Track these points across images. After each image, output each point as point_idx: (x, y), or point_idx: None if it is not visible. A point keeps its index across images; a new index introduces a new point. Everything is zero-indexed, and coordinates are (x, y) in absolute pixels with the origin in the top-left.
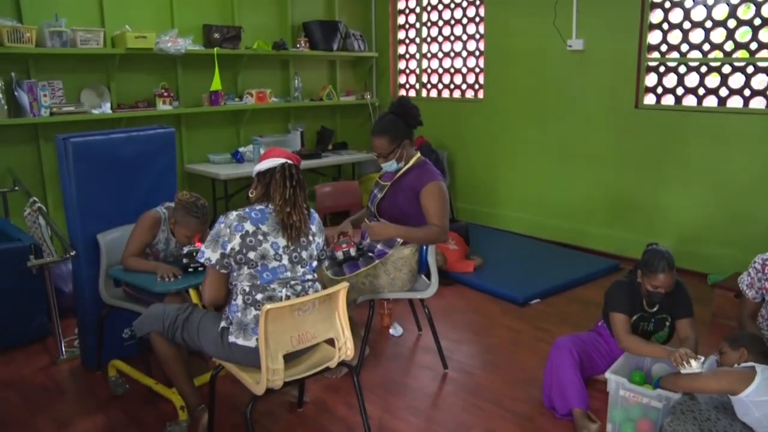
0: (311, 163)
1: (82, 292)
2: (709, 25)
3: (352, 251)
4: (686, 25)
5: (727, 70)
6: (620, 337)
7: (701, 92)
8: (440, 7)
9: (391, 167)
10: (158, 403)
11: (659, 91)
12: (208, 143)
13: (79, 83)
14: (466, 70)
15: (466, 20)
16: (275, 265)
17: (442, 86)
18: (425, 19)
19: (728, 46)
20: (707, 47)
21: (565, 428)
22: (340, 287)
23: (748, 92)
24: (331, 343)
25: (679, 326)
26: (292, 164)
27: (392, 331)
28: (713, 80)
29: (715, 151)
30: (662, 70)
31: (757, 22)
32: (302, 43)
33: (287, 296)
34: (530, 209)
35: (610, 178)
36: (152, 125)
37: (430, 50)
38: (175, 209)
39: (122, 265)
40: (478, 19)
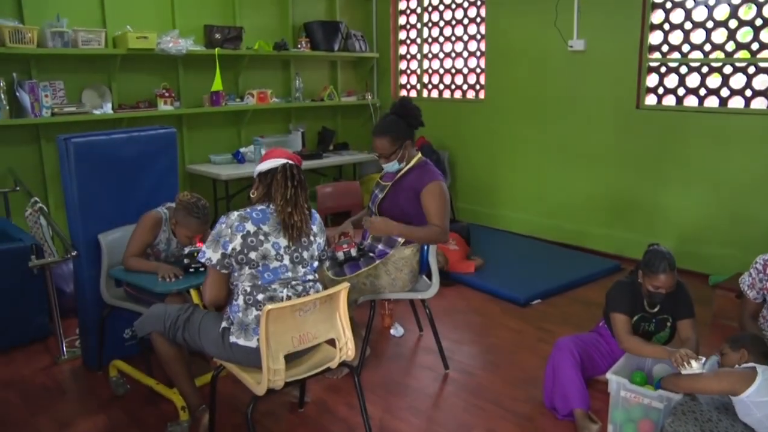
0: (312, 163)
1: (83, 292)
2: (710, 25)
3: (353, 252)
4: (687, 25)
5: (728, 70)
6: (621, 337)
7: (702, 93)
8: (441, 7)
9: (392, 168)
10: (159, 403)
11: (660, 91)
12: (209, 143)
13: (80, 83)
14: (467, 70)
15: (467, 21)
16: (276, 265)
17: (443, 87)
18: (426, 19)
19: (729, 46)
20: (708, 48)
21: (566, 429)
22: (341, 287)
23: (749, 93)
24: (332, 343)
25: (680, 327)
26: (293, 165)
27: (393, 331)
28: (714, 81)
29: (716, 151)
30: (663, 70)
31: (758, 22)
32: (303, 43)
33: (288, 296)
34: (531, 209)
35: (611, 178)
36: (153, 125)
37: (431, 51)
38: (176, 210)
39: (123, 265)
40: (479, 19)
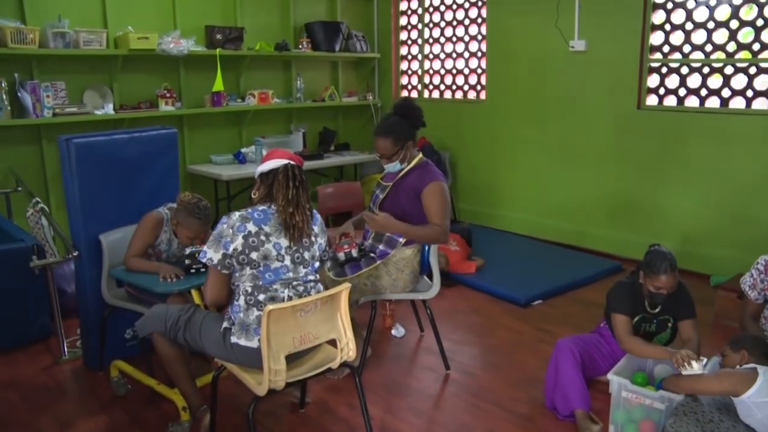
0: (313, 164)
1: (84, 292)
2: (711, 26)
3: (354, 252)
4: (688, 26)
5: (729, 71)
6: (622, 338)
7: (703, 93)
8: (442, 8)
9: (394, 168)
10: (160, 403)
11: (661, 92)
12: (210, 144)
13: (81, 84)
14: (468, 71)
15: (468, 21)
16: (277, 265)
17: (444, 87)
18: (427, 20)
19: (730, 47)
20: (709, 48)
21: (567, 429)
22: (342, 288)
23: (750, 93)
24: (333, 343)
25: (681, 327)
26: (294, 165)
27: (394, 332)
28: (715, 81)
29: (717, 151)
30: (664, 71)
31: (759, 23)
32: (304, 44)
33: (289, 297)
34: (532, 210)
35: (612, 178)
36: (155, 126)
37: (432, 51)
38: (177, 210)
39: (124, 265)
40: (480, 20)
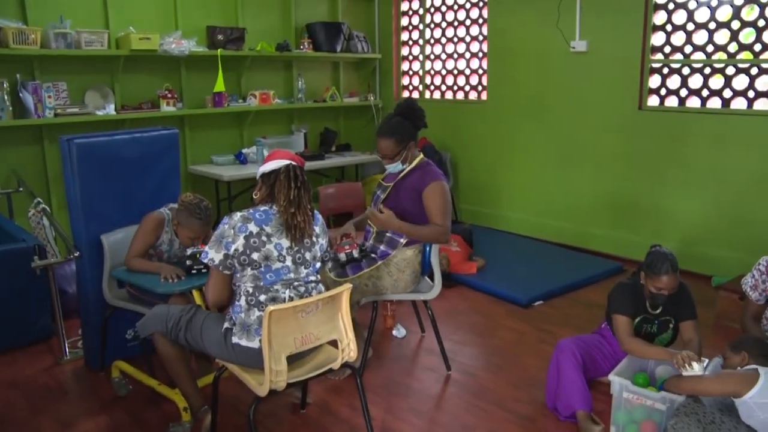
0: (314, 164)
1: (85, 293)
2: (712, 26)
3: (355, 253)
4: (690, 26)
5: (730, 71)
6: (623, 339)
7: (705, 94)
8: (443, 8)
9: (395, 168)
10: (161, 404)
11: (663, 92)
12: (211, 144)
13: (83, 84)
14: (469, 71)
15: (469, 22)
16: (279, 266)
17: (445, 88)
18: (428, 20)
19: (732, 47)
20: (711, 49)
21: (568, 430)
22: (343, 289)
23: (752, 94)
24: (334, 344)
25: (682, 328)
26: (296, 166)
27: (395, 332)
28: (717, 82)
29: (718, 152)
30: (666, 71)
31: (761, 23)
32: (306, 44)
33: (290, 297)
34: (533, 210)
35: (613, 179)
36: (156, 126)
37: (433, 52)
38: (178, 211)
39: (126, 266)
40: (481, 20)
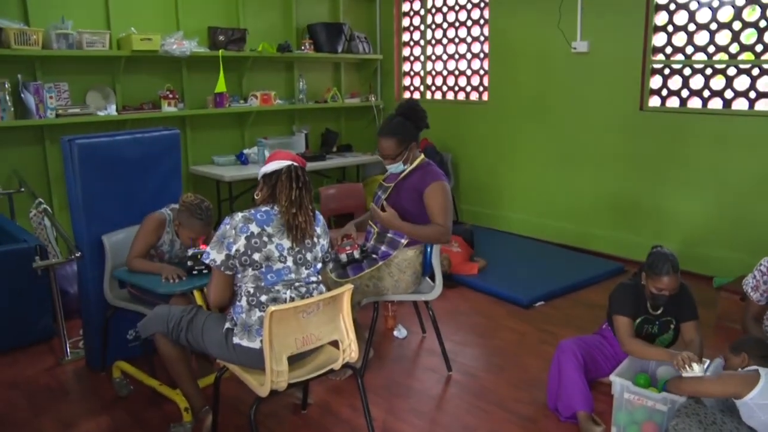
0: (315, 165)
1: (87, 293)
2: (714, 27)
3: (356, 253)
4: (691, 27)
5: (732, 72)
6: (623, 340)
7: (706, 94)
8: (445, 9)
9: (397, 169)
10: (162, 404)
11: (664, 93)
12: (212, 145)
13: (84, 85)
14: (470, 72)
15: (470, 22)
16: (280, 266)
17: (446, 88)
18: (430, 21)
19: (733, 48)
20: (712, 49)
21: (569, 431)
22: (344, 289)
23: (753, 94)
24: (335, 345)
25: (684, 329)
26: (298, 166)
27: (396, 333)
28: (718, 82)
29: (720, 153)
30: (667, 72)
31: (762, 24)
32: (307, 45)
33: (292, 298)
34: (534, 211)
35: (614, 180)
36: (157, 127)
37: (434, 52)
38: (179, 211)
39: (127, 266)
40: (482, 21)
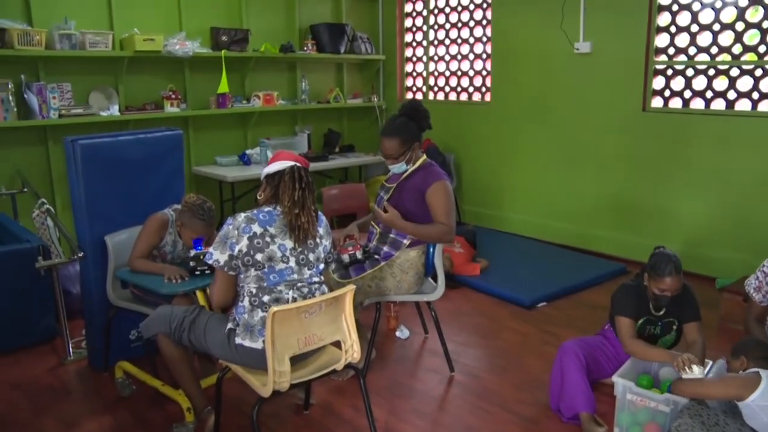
0: (318, 165)
1: (89, 293)
2: (716, 28)
3: (358, 254)
4: (694, 28)
5: (735, 73)
6: (625, 341)
7: (709, 95)
8: (447, 9)
9: (399, 169)
10: (165, 404)
11: (667, 94)
12: (215, 145)
13: (87, 85)
14: (473, 72)
15: (473, 23)
16: (282, 267)
17: (449, 89)
18: (432, 21)
19: (736, 49)
20: (715, 50)
21: None
22: (346, 290)
23: (756, 95)
24: (337, 345)
25: (686, 330)
26: (300, 167)
27: (398, 333)
28: (721, 83)
29: (722, 154)
30: (670, 73)
31: (765, 25)
32: (309, 45)
33: (294, 298)
34: (537, 212)
35: (617, 181)
36: (160, 127)
37: (437, 53)
38: (181, 212)
39: (129, 266)
40: (485, 21)
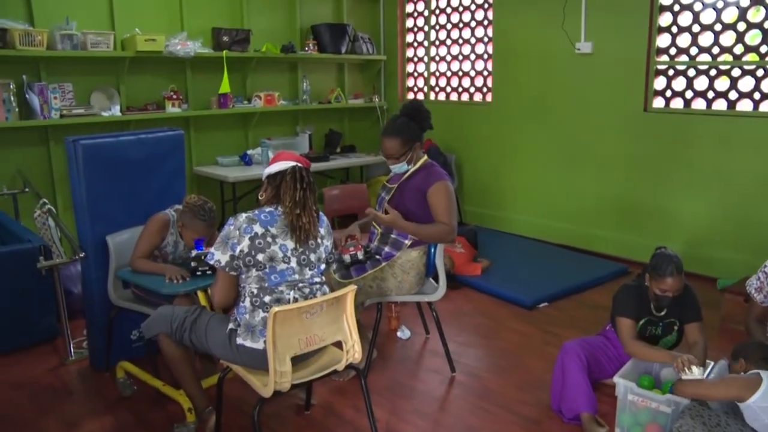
0: (319, 165)
1: (91, 293)
2: (718, 28)
3: (359, 254)
4: (695, 28)
5: (736, 73)
6: (626, 342)
7: (710, 96)
8: (449, 10)
9: (400, 169)
10: (166, 404)
11: (668, 94)
12: (216, 146)
13: (89, 86)
14: (474, 73)
15: (474, 23)
16: (283, 267)
17: (450, 89)
18: (433, 22)
19: (738, 49)
20: (716, 50)
21: None
22: (347, 290)
23: (757, 96)
24: (338, 345)
25: (687, 331)
26: (302, 167)
27: (400, 334)
28: (723, 83)
29: (724, 154)
30: (671, 73)
31: (767, 25)
32: (311, 46)
33: (295, 299)
34: (538, 212)
35: (618, 181)
36: (161, 128)
37: (438, 53)
38: (182, 212)
39: (130, 266)
40: (486, 22)
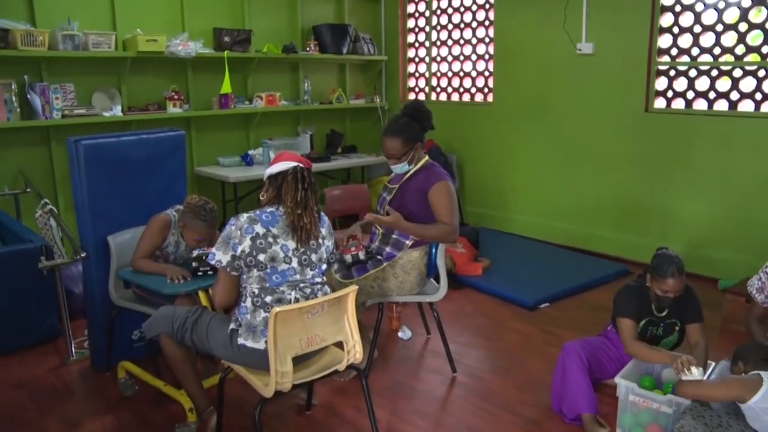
0: (320, 166)
1: (92, 293)
2: (719, 28)
3: (360, 254)
4: (697, 28)
5: (738, 73)
6: (626, 342)
7: (712, 96)
8: (450, 10)
9: (401, 169)
10: (167, 404)
11: (669, 94)
12: (217, 146)
13: (90, 86)
14: (475, 73)
15: (475, 24)
16: (285, 267)
17: (451, 90)
18: (435, 22)
19: (739, 49)
20: (718, 51)
21: None
22: (349, 290)
23: (759, 96)
24: (340, 346)
25: (689, 331)
26: (303, 168)
27: (401, 334)
28: (724, 84)
29: (725, 155)
30: (672, 73)
31: None
32: (312, 46)
33: (296, 299)
34: (539, 213)
35: (620, 181)
36: (162, 128)
37: (439, 54)
38: (183, 213)
39: (132, 266)
40: (487, 22)
